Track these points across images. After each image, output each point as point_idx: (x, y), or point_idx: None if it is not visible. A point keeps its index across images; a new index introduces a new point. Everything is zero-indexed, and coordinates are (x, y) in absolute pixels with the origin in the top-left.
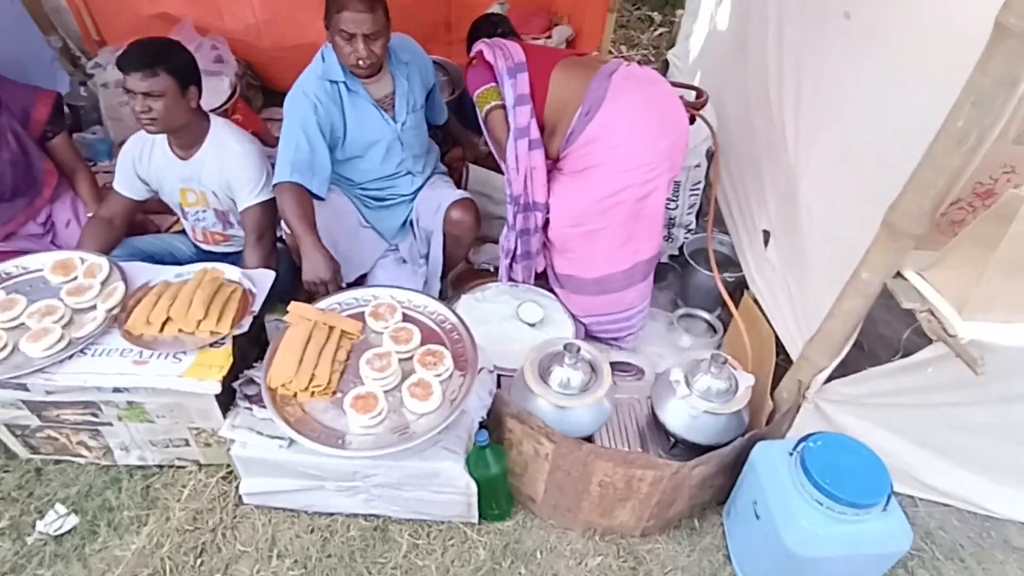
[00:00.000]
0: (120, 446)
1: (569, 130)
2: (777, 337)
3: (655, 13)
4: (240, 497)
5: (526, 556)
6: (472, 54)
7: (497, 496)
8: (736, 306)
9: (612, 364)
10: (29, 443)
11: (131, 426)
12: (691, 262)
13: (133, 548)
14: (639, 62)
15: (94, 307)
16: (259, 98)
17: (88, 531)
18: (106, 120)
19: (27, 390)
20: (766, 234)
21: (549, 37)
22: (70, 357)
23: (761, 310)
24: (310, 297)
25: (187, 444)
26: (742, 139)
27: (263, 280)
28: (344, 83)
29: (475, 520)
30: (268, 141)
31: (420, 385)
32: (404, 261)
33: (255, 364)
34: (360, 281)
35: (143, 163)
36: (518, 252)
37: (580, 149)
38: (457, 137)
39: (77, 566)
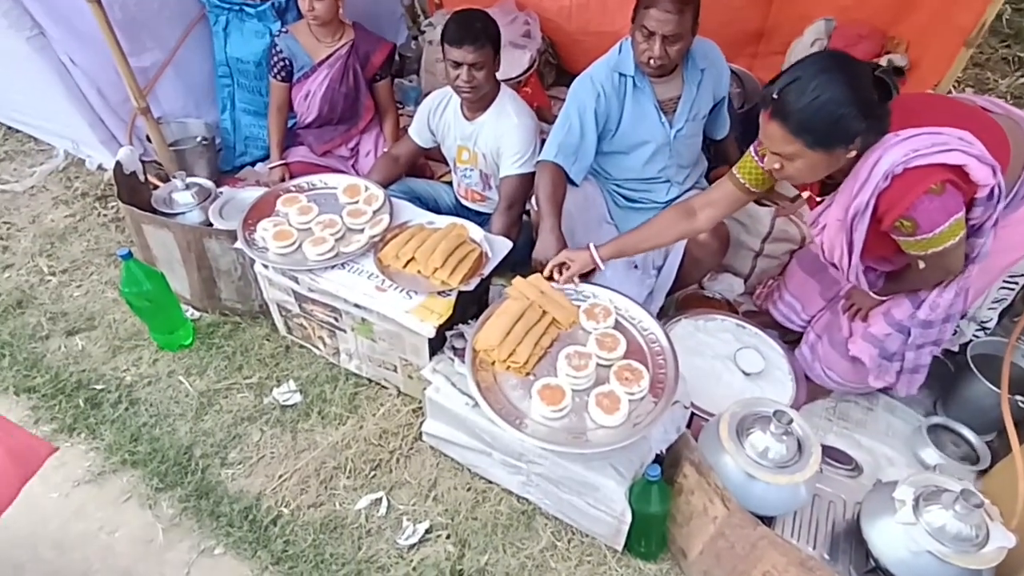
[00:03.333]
0: (346, 351)
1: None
2: None
3: None
4: (421, 433)
5: None
6: (939, 175)
7: (649, 534)
8: (1022, 440)
9: (825, 448)
10: (288, 324)
11: (359, 338)
12: (972, 366)
13: (330, 440)
14: None
15: (362, 230)
16: (551, 75)
17: (303, 411)
18: (423, 72)
19: (297, 282)
20: None
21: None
22: (333, 267)
23: None
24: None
25: (394, 370)
26: None
27: (500, 248)
28: (632, 78)
29: (619, 548)
30: (547, 117)
31: (609, 397)
32: (635, 267)
33: (471, 320)
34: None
35: (435, 116)
36: (908, 363)
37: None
38: (731, 157)
39: (288, 436)
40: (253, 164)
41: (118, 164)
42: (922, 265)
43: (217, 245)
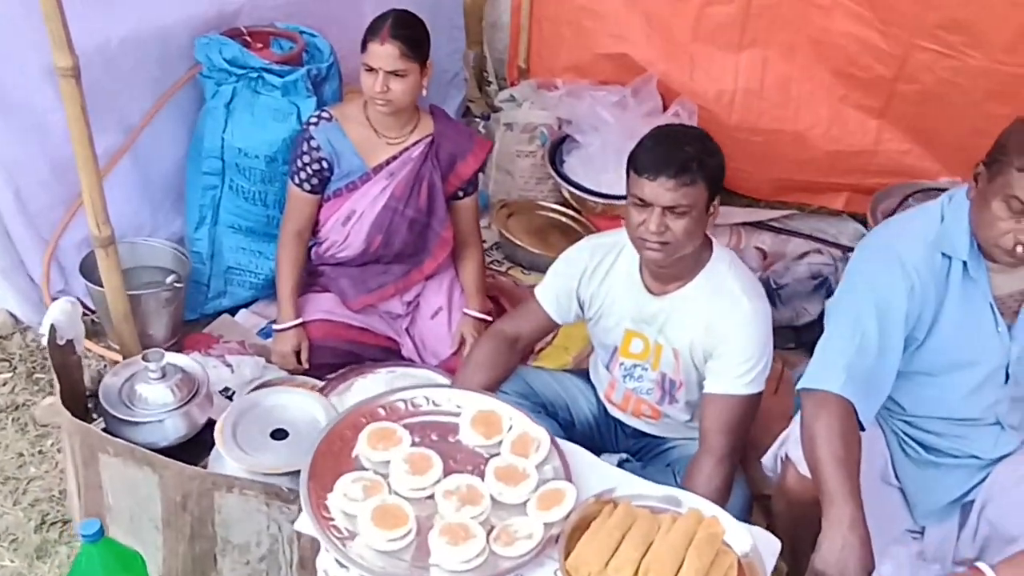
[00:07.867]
0: None
1: None
2: None
3: None
4: None
5: None
6: None
7: None
8: None
9: None
10: None
11: None
12: None
13: None
14: None
15: (524, 509)
16: None
17: None
18: (491, 169)
19: None
20: None
21: None
22: None
23: None
24: None
25: None
26: None
27: (766, 553)
28: (964, 263)
29: None
30: None
31: None
32: (923, 557)
33: None
34: None
35: (593, 279)
36: None
37: None
38: None
39: None
40: (233, 312)
41: (52, 330)
42: None
43: (239, 504)
